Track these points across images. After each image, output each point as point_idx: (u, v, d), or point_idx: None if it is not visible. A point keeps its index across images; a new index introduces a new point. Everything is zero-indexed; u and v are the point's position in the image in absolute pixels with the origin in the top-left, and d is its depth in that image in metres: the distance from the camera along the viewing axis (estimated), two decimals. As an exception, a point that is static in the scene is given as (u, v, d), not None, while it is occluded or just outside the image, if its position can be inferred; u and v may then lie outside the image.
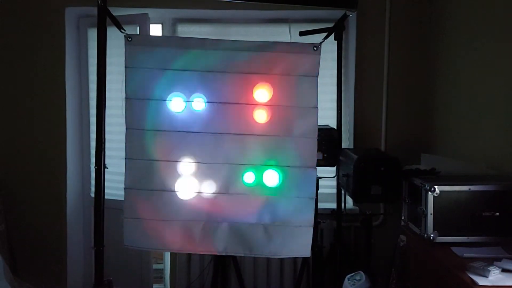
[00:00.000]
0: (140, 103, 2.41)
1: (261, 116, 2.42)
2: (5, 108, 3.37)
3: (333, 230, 3.23)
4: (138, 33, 3.21)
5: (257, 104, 2.42)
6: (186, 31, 3.48)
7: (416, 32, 3.25)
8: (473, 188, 2.00)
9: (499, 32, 2.35)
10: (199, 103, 2.41)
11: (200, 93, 2.42)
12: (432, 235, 1.99)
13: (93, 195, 2.36)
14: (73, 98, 3.45)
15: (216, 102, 2.42)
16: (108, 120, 2.33)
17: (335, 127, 3.00)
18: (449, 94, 2.92)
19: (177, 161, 2.43)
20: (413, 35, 3.26)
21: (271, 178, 2.41)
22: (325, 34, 2.74)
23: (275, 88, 2.42)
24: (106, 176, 2.33)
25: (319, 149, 2.54)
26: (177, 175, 2.43)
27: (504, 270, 1.67)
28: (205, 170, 2.43)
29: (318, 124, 2.45)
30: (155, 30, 3.49)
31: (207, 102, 2.42)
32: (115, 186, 2.81)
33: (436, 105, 3.10)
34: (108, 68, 2.31)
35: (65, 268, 3.43)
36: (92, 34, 3.35)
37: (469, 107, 2.66)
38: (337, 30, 2.85)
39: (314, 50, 2.40)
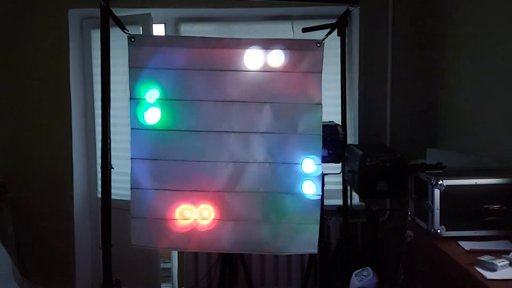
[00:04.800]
0: (144, 103, 2.42)
1: (265, 114, 2.43)
2: (10, 110, 3.39)
3: (340, 226, 3.23)
4: (141, 33, 3.22)
5: (261, 102, 2.42)
6: (189, 30, 3.49)
7: (420, 25, 3.24)
8: (479, 181, 1.99)
9: (506, 24, 2.33)
10: (202, 102, 2.42)
11: (203, 92, 2.43)
12: (439, 230, 1.98)
13: (99, 195, 2.38)
14: (77, 99, 3.46)
15: (220, 101, 2.42)
16: (113, 120, 2.35)
17: (340, 124, 2.99)
18: (454, 88, 2.90)
19: (182, 160, 2.44)
20: (417, 29, 3.24)
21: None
22: (328, 30, 2.73)
23: (279, 85, 2.42)
24: (112, 177, 2.35)
25: (324, 146, 2.54)
26: (182, 174, 2.44)
27: (512, 264, 1.67)
28: (210, 168, 2.44)
29: (323, 120, 2.45)
30: (158, 30, 3.50)
31: (211, 101, 2.42)
32: (121, 186, 2.82)
33: (441, 99, 3.08)
34: (112, 69, 2.33)
35: (73, 268, 3.45)
36: (96, 35, 3.36)
37: (475, 101, 2.64)
38: (340, 26, 2.84)
39: (317, 46, 2.40)
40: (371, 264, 2.61)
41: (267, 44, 2.43)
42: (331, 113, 3.12)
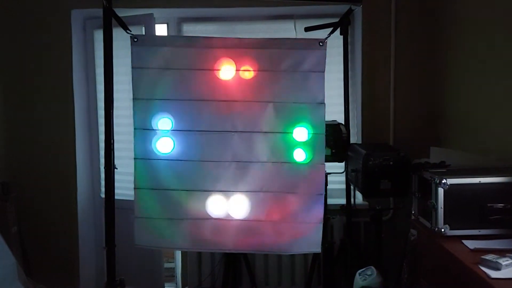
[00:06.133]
0: (147, 103, 2.42)
1: (268, 113, 2.42)
2: (13, 111, 3.40)
3: (343, 225, 3.22)
4: (143, 33, 3.22)
5: (264, 101, 2.42)
6: (191, 30, 3.49)
7: (423, 24, 3.23)
8: (483, 180, 1.98)
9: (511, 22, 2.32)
10: (205, 102, 2.42)
11: (206, 92, 2.43)
12: (443, 229, 1.98)
13: (103, 195, 2.38)
14: (81, 99, 3.47)
15: (223, 100, 2.42)
16: (116, 120, 2.35)
17: (343, 123, 2.99)
18: (458, 87, 2.89)
19: (185, 160, 2.44)
20: (420, 27, 3.23)
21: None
22: (330, 29, 2.73)
23: (282, 84, 2.42)
24: (116, 177, 2.35)
25: (327, 145, 2.54)
26: (186, 174, 2.45)
27: (516, 263, 1.66)
28: (213, 168, 2.44)
29: (326, 119, 2.45)
30: (161, 30, 3.50)
31: (214, 100, 2.42)
32: (124, 186, 2.82)
33: (445, 97, 3.07)
34: (115, 69, 2.33)
35: (78, 268, 3.46)
36: (99, 36, 3.36)
37: (479, 99, 2.63)
38: (343, 25, 2.84)
39: (320, 45, 2.39)
40: (375, 263, 2.61)
41: (270, 43, 2.43)
42: (334, 112, 3.11)
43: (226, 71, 2.41)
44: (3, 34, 3.36)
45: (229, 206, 2.45)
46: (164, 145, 2.43)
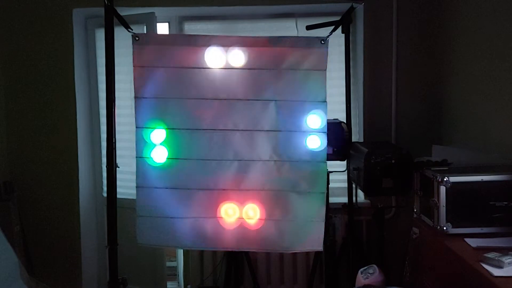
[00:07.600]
0: (149, 102, 2.42)
1: (270, 112, 2.42)
2: (15, 110, 3.40)
3: (345, 224, 3.22)
4: (145, 32, 3.22)
5: (265, 100, 2.42)
6: (193, 28, 3.49)
7: (425, 22, 3.22)
8: (486, 178, 1.97)
9: None
10: (207, 101, 2.42)
11: (208, 90, 2.43)
12: (445, 227, 1.97)
13: (105, 194, 2.39)
14: (82, 98, 3.47)
15: (224, 99, 2.42)
16: (118, 119, 2.35)
17: (345, 121, 2.99)
18: (460, 84, 2.89)
19: (187, 159, 2.44)
20: (422, 24, 3.22)
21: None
22: (332, 27, 2.72)
23: (283, 83, 2.42)
24: (118, 175, 2.35)
25: (329, 143, 2.53)
26: (187, 172, 2.45)
27: (519, 261, 1.66)
28: (215, 167, 2.44)
29: (327, 118, 2.45)
30: (162, 28, 3.50)
31: (216, 99, 2.42)
32: (127, 185, 2.83)
33: (447, 95, 3.07)
34: (117, 68, 2.33)
35: (80, 267, 3.46)
36: (100, 35, 3.37)
37: (481, 96, 2.63)
38: (344, 23, 2.83)
39: (322, 43, 2.39)
40: (377, 262, 2.60)
41: (271, 42, 2.43)
42: (336, 110, 3.11)
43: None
44: (4, 33, 3.36)
45: (231, 204, 2.45)
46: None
